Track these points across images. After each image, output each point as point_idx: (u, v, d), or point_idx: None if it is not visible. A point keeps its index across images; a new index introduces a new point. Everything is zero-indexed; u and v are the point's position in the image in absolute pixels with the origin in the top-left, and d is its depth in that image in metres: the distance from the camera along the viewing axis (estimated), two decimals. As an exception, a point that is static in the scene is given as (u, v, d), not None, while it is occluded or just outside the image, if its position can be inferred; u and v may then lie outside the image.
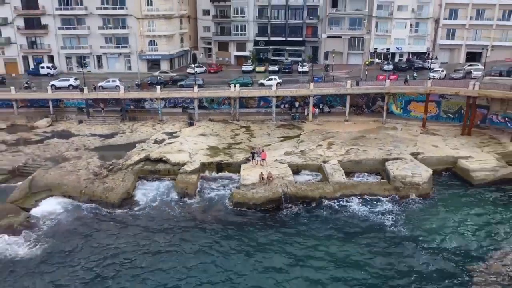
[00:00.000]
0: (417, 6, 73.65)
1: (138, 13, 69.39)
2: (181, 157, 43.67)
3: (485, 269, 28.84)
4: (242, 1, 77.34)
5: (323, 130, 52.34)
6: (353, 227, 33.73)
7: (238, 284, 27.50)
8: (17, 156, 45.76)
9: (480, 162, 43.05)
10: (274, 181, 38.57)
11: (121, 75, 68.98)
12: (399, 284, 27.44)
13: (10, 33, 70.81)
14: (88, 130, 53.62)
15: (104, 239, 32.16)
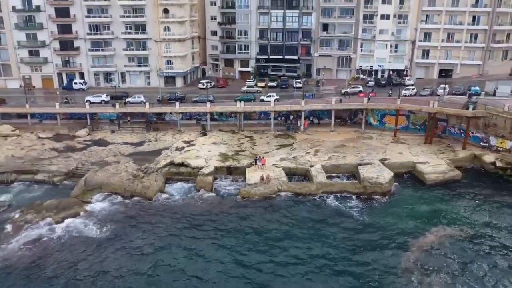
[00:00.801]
0: (396, 30, 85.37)
1: (157, 37, 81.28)
2: (199, 162, 55.66)
3: (421, 243, 40.84)
4: (245, 24, 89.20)
5: (312, 140, 64.30)
6: (328, 216, 45.73)
7: (244, 245, 39.51)
8: (69, 161, 57.83)
9: (433, 167, 55.00)
10: (271, 181, 50.61)
11: (141, 90, 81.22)
12: (356, 253, 39.41)
13: (47, 54, 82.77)
14: (120, 139, 65.67)
15: (146, 223, 44.20)
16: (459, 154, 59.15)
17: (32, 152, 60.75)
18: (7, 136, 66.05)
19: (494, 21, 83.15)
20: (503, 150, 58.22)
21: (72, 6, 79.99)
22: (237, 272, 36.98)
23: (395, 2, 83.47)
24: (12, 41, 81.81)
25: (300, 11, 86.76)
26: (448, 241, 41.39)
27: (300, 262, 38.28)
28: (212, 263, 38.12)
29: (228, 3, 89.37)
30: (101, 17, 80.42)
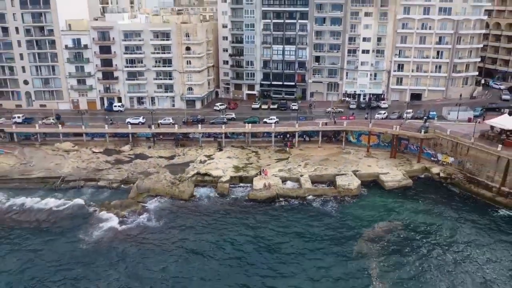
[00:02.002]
0: (375, 61, 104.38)
1: (181, 69, 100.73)
2: (218, 172, 75.21)
3: (372, 232, 60.17)
4: (251, 56, 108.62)
5: (303, 154, 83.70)
6: (312, 212, 65.20)
7: (253, 231, 58.97)
8: (121, 171, 77.52)
9: (392, 176, 74.35)
10: (272, 187, 70.12)
11: (167, 111, 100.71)
12: (327, 237, 58.77)
13: (92, 82, 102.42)
14: (156, 153, 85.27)
15: (186, 216, 63.82)
16: (414, 166, 78.66)
17: (92, 164, 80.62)
18: (69, 151, 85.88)
19: (454, 55, 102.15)
20: (446, 164, 77.60)
21: (113, 45, 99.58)
22: (251, 248, 56.59)
23: (374, 39, 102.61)
24: (64, 72, 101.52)
25: (296, 46, 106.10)
26: (392, 230, 60.75)
27: (289, 241, 57.83)
28: (227, 241, 57.73)
29: (237, 39, 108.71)
30: (136, 53, 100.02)
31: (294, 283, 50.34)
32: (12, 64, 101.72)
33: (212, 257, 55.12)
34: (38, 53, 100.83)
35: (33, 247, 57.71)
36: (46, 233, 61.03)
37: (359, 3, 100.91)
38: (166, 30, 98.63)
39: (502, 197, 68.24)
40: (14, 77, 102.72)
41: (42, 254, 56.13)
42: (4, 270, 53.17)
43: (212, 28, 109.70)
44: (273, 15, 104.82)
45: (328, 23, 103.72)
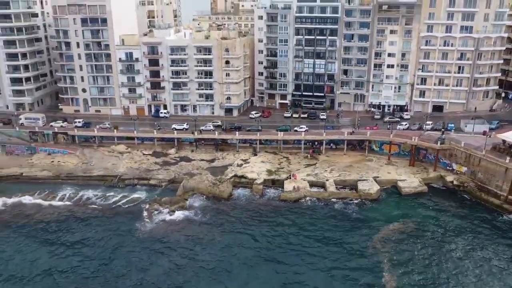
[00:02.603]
0: (399, 75, 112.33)
1: (220, 80, 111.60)
2: (253, 175, 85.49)
3: (387, 230, 69.07)
4: (284, 68, 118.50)
5: (329, 161, 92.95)
6: (335, 212, 74.59)
7: (283, 227, 68.91)
8: (168, 172, 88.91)
9: (409, 183, 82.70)
10: (300, 190, 79.83)
11: (207, 117, 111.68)
12: (347, 233, 68.06)
13: (141, 91, 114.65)
14: (198, 157, 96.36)
15: (227, 213, 74.39)
16: (430, 174, 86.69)
17: (143, 165, 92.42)
18: (123, 153, 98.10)
19: (475, 70, 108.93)
20: (460, 173, 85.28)
21: (161, 58, 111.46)
22: (280, 240, 66.53)
23: (398, 55, 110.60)
24: (117, 81, 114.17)
25: (326, 60, 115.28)
26: (405, 231, 69.47)
27: (312, 237, 67.45)
28: (260, 234, 67.84)
29: (272, 53, 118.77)
30: (181, 66, 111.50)
31: (315, 271, 59.92)
32: (72, 74, 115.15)
33: (247, 246, 65.46)
34: (95, 65, 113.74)
35: (100, 235, 69.42)
36: (109, 223, 72.74)
37: (385, 22, 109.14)
38: (208, 46, 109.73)
39: (509, 205, 75.61)
40: (74, 86, 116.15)
41: (108, 240, 67.75)
42: (81, 251, 65.05)
43: (248, 43, 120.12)
44: (305, 31, 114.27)
45: (356, 39, 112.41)
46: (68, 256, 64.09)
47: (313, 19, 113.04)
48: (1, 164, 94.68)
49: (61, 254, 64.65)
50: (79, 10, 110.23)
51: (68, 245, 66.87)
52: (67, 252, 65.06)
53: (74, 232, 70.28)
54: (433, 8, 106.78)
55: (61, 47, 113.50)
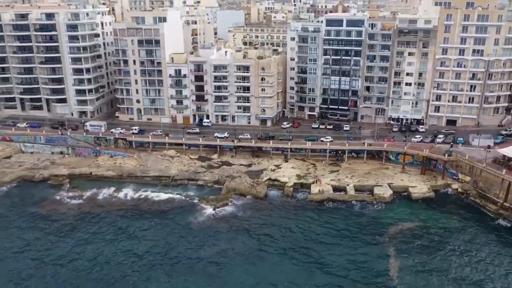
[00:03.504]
0: (416, 92, 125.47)
1: (256, 94, 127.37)
2: (285, 179, 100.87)
3: (397, 229, 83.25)
4: (313, 84, 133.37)
5: (351, 168, 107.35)
6: (353, 212, 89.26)
7: (310, 222, 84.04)
8: (213, 174, 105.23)
9: (418, 189, 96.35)
10: (324, 192, 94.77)
11: (244, 127, 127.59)
12: (361, 230, 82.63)
13: (187, 103, 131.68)
14: (237, 162, 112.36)
15: (264, 210, 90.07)
16: (438, 182, 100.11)
17: (191, 168, 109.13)
18: (173, 157, 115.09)
19: (486, 89, 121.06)
20: (464, 182, 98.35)
21: (205, 75, 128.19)
22: (306, 233, 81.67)
23: (416, 74, 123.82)
24: (167, 94, 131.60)
25: (350, 77, 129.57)
26: (412, 229, 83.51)
27: (332, 231, 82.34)
28: (290, 228, 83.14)
29: (302, 70, 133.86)
30: (222, 81, 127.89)
31: (335, 256, 74.79)
32: (128, 87, 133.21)
33: (280, 236, 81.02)
34: (149, 79, 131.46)
35: (160, 224, 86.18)
36: (167, 215, 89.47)
37: (404, 45, 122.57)
38: (246, 64, 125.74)
39: (504, 210, 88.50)
40: (129, 97, 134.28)
41: (167, 228, 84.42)
42: (148, 236, 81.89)
43: (281, 61, 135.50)
44: (332, 52, 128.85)
45: (377, 60, 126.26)
46: (138, 240, 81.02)
47: (340, 41, 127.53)
48: (73, 164, 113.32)
49: (131, 238, 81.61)
50: (136, 33, 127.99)
51: (136, 231, 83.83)
52: (136, 236, 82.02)
53: (139, 221, 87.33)
54: (447, 33, 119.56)
55: (120, 64, 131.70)
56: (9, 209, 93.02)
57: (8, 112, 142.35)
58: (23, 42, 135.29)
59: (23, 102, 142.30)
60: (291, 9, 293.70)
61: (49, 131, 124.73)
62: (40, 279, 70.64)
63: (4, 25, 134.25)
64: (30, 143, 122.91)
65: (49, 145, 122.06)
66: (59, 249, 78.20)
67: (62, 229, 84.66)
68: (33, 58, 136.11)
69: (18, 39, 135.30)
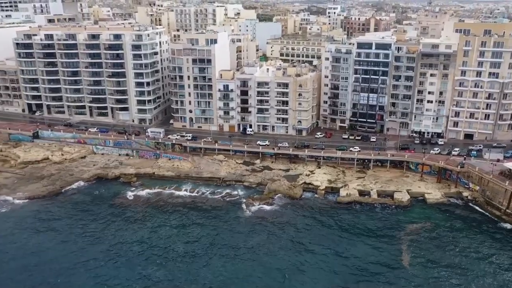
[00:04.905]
0: (437, 109, 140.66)
1: (294, 108, 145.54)
2: (318, 183, 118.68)
3: (412, 227, 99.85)
4: (344, 99, 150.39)
5: (375, 175, 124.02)
6: (375, 213, 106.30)
7: (334, 223, 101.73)
8: (256, 177, 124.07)
9: (433, 195, 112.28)
10: (351, 195, 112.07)
11: (283, 136, 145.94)
12: (380, 228, 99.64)
13: (233, 113, 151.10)
14: (277, 167, 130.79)
15: (298, 209, 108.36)
16: (451, 190, 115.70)
17: (237, 171, 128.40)
18: (222, 161, 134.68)
19: (500, 107, 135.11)
20: (474, 190, 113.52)
21: (250, 90, 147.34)
22: (334, 229, 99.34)
23: (437, 93, 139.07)
24: (216, 106, 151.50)
25: (378, 94, 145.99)
26: (425, 229, 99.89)
27: (357, 228, 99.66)
28: (321, 223, 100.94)
29: (335, 86, 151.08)
30: (264, 96, 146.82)
31: (358, 248, 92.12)
32: (182, 99, 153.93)
33: (314, 229, 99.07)
34: (200, 93, 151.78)
35: (214, 217, 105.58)
36: (219, 210, 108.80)
37: (427, 67, 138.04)
38: (286, 82, 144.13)
39: (506, 216, 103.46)
40: (183, 107, 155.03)
41: (220, 221, 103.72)
42: (204, 227, 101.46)
43: (317, 78, 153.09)
44: (362, 71, 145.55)
45: (402, 79, 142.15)
46: (197, 228, 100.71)
47: (369, 62, 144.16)
48: (138, 165, 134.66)
49: (191, 227, 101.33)
50: (191, 52, 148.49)
51: (195, 223, 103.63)
52: (195, 225, 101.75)
53: (197, 214, 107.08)
54: (466, 57, 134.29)
55: (176, 79, 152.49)
56: (91, 201, 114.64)
57: (78, 118, 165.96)
58: (94, 59, 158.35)
59: (91, 109, 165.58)
60: (325, 21, 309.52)
61: (117, 136, 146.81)
62: (125, 256, 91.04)
63: (79, 44, 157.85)
64: (101, 145, 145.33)
65: (116, 148, 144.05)
66: (139, 232, 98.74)
67: (137, 218, 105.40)
68: (102, 72, 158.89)
69: (90, 56, 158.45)
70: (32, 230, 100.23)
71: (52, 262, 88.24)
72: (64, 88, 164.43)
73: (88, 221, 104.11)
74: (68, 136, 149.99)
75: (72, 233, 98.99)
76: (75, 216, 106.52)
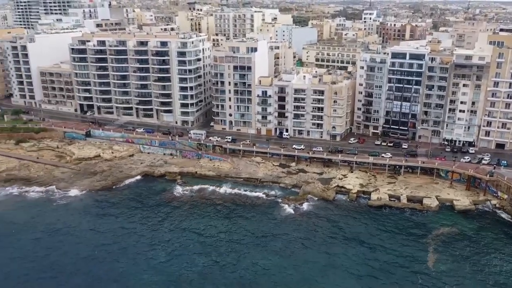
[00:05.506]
0: (469, 118, 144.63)
1: (329, 114, 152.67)
2: (350, 186, 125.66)
3: (439, 231, 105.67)
4: (377, 107, 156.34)
5: (405, 181, 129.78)
6: (404, 217, 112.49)
7: (366, 224, 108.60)
8: (292, 179, 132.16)
9: (461, 202, 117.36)
10: (382, 199, 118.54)
11: (318, 140, 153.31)
12: (411, 232, 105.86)
13: (270, 118, 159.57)
14: (311, 170, 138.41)
15: (330, 210, 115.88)
16: (479, 198, 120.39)
17: (274, 173, 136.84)
18: (259, 163, 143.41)
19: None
20: (502, 199, 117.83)
21: (287, 96, 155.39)
22: (363, 228, 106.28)
23: (469, 103, 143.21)
24: (254, 110, 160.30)
25: (410, 103, 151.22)
26: (451, 233, 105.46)
27: (386, 230, 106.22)
28: (352, 224, 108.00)
29: (369, 94, 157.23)
30: (300, 102, 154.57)
31: (387, 247, 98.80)
32: (223, 103, 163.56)
33: (344, 230, 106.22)
34: (240, 98, 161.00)
35: (253, 214, 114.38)
36: (257, 208, 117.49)
37: (460, 77, 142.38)
38: (321, 89, 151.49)
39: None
40: (223, 111, 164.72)
41: (258, 218, 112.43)
42: (242, 223, 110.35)
43: (351, 85, 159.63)
44: (395, 80, 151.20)
45: (435, 89, 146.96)
46: (237, 224, 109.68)
47: (403, 72, 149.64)
48: (181, 164, 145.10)
49: (232, 223, 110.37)
50: (232, 60, 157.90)
51: (235, 218, 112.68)
52: (235, 221, 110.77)
53: (236, 211, 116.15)
54: (499, 69, 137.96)
55: (218, 84, 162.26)
56: (141, 196, 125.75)
57: (125, 118, 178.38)
58: (142, 64, 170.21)
59: (138, 110, 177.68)
60: (361, 26, 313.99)
61: (162, 136, 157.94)
62: (175, 243, 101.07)
63: (128, 50, 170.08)
64: (147, 145, 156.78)
65: (161, 148, 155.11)
66: (186, 224, 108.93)
67: (183, 212, 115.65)
68: (149, 76, 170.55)
69: (138, 61, 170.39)
70: (96, 217, 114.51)
71: (115, 244, 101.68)
72: (113, 91, 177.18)
73: (142, 213, 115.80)
74: (117, 135, 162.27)
75: (131, 222, 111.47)
76: (129, 208, 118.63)
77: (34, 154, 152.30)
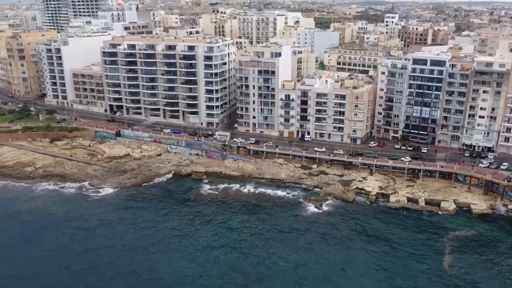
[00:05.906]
0: (488, 124, 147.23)
1: (350, 118, 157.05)
2: (369, 189, 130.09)
3: (455, 234, 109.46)
4: (398, 111, 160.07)
5: (424, 184, 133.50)
6: (421, 219, 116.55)
7: (383, 225, 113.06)
8: (313, 180, 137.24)
9: (478, 206, 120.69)
10: (400, 202, 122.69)
11: (338, 143, 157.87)
12: (428, 234, 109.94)
13: (293, 121, 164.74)
14: (332, 172, 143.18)
15: (350, 211, 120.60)
16: (496, 202, 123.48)
17: (296, 174, 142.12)
18: (281, 164, 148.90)
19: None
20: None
21: (309, 100, 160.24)
22: (380, 228, 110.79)
23: (489, 109, 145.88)
24: (277, 113, 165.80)
25: (430, 108, 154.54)
26: (467, 236, 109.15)
27: (403, 231, 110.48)
28: (370, 225, 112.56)
29: (389, 99, 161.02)
30: (322, 106, 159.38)
31: (402, 249, 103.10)
32: (247, 106, 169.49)
33: (363, 230, 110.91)
34: (264, 101, 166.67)
35: (276, 213, 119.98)
36: (280, 208, 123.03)
37: (480, 84, 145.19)
38: (343, 94, 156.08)
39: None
40: (247, 114, 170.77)
41: (280, 217, 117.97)
42: (266, 221, 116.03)
43: (372, 90, 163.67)
44: (416, 86, 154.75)
45: (455, 95, 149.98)
46: (261, 223, 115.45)
47: (423, 78, 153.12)
48: (206, 164, 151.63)
49: (256, 220, 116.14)
50: (257, 64, 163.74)
51: (259, 216, 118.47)
52: (259, 220, 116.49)
53: (260, 210, 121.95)
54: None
55: (242, 87, 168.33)
56: (170, 193, 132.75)
57: (153, 119, 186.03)
58: (169, 67, 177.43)
59: (165, 112, 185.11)
60: (383, 30, 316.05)
61: (188, 137, 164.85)
62: (205, 237, 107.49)
63: (157, 54, 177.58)
64: (174, 145, 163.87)
65: (188, 148, 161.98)
66: (212, 221, 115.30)
67: (210, 209, 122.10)
68: (176, 79, 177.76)
69: (166, 64, 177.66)
70: (129, 211, 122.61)
71: (148, 237, 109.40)
72: (142, 92, 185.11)
73: (172, 208, 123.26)
74: (146, 135, 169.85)
75: (162, 215, 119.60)
76: (160, 204, 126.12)
77: (67, 152, 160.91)
